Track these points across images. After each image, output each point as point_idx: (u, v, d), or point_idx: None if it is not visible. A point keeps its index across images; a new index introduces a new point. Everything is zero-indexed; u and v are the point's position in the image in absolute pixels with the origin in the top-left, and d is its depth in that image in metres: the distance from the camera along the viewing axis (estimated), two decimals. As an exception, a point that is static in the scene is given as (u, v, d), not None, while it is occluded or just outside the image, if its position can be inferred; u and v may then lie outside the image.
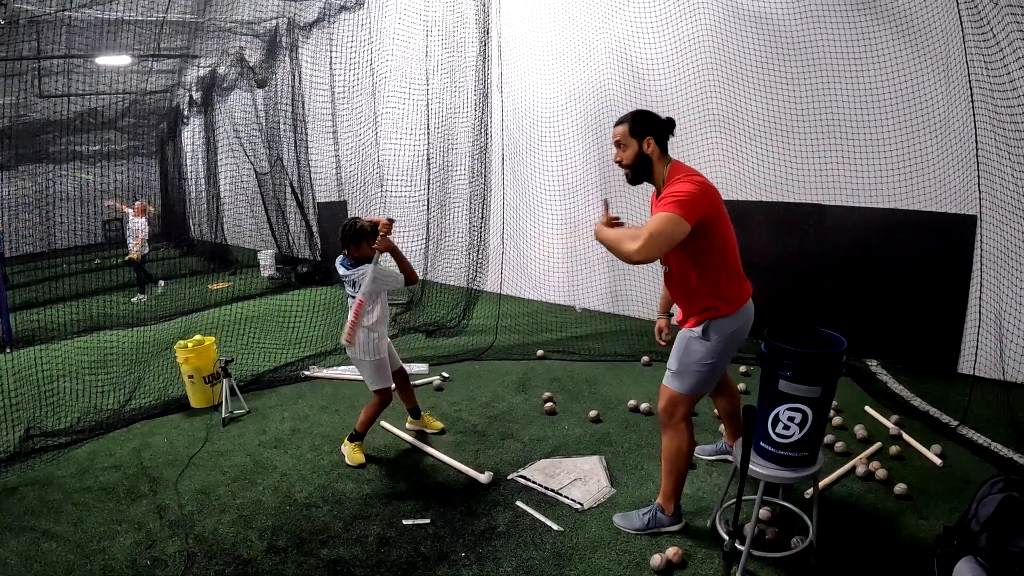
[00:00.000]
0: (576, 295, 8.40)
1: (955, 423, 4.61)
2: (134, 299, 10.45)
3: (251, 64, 10.16)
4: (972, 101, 5.00)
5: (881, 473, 3.94)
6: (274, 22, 8.83)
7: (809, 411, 2.82)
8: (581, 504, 3.77)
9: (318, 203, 10.70)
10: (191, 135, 15.02)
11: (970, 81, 5.02)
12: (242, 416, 5.23)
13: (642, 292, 7.62)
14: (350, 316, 4.15)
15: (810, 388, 2.79)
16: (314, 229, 10.86)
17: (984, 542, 2.91)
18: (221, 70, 11.34)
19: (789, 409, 2.84)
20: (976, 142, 5.02)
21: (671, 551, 3.20)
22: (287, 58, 9.35)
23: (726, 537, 2.93)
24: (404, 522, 3.66)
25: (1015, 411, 4.64)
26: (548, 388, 5.60)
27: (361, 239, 4.12)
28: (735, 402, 3.86)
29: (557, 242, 8.37)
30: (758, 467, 2.97)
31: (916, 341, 5.77)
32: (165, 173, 16.54)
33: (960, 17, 4.90)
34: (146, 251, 10.69)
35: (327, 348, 6.81)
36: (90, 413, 5.40)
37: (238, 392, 5.33)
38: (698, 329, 3.17)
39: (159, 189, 16.89)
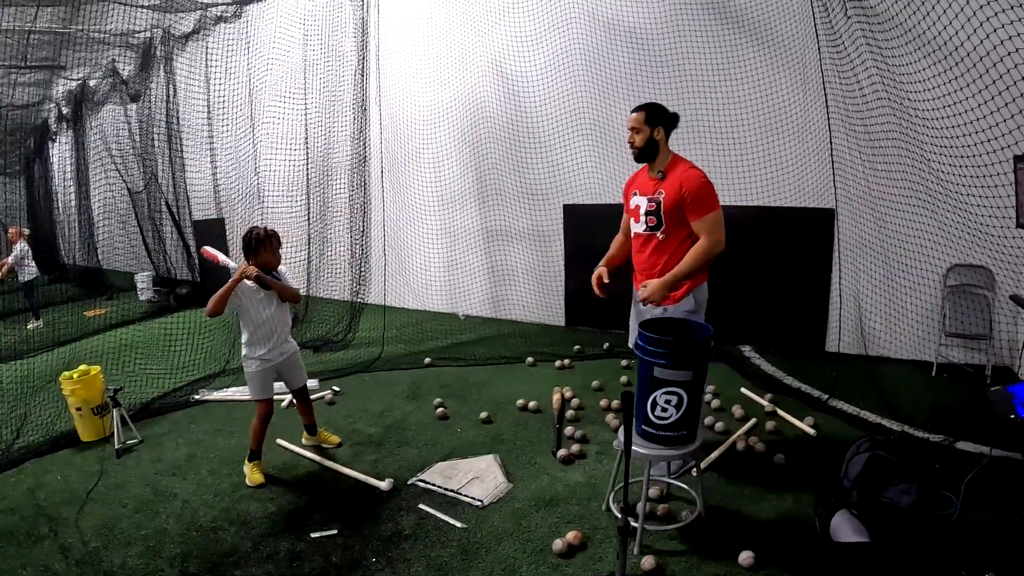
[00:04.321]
0: (458, 302, 8.64)
1: (825, 396, 5.17)
2: (30, 326, 9.79)
3: (124, 77, 9.76)
4: (827, 106, 5.56)
5: (760, 447, 4.37)
6: (148, 33, 8.53)
7: (684, 393, 3.17)
8: (481, 501, 4.01)
9: (195, 220, 10.41)
10: (59, 152, 14.13)
11: (824, 87, 5.56)
12: (135, 446, 5.16)
13: (521, 296, 8.05)
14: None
15: (683, 372, 3.13)
16: (192, 248, 10.55)
17: (856, 496, 3.43)
18: (92, 83, 10.79)
19: (665, 393, 3.17)
20: (831, 142, 5.55)
21: (571, 535, 3.47)
22: (161, 70, 9.07)
23: (620, 516, 3.27)
24: (312, 535, 3.78)
25: (877, 380, 5.35)
26: (438, 394, 5.83)
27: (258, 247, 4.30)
28: None
29: (437, 251, 8.58)
30: (642, 448, 3.31)
31: (785, 326, 6.40)
32: (32, 193, 15.38)
33: (816, 29, 5.41)
34: (35, 275, 10.00)
35: (214, 370, 6.76)
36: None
37: (129, 421, 5.27)
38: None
39: (26, 211, 15.69)
